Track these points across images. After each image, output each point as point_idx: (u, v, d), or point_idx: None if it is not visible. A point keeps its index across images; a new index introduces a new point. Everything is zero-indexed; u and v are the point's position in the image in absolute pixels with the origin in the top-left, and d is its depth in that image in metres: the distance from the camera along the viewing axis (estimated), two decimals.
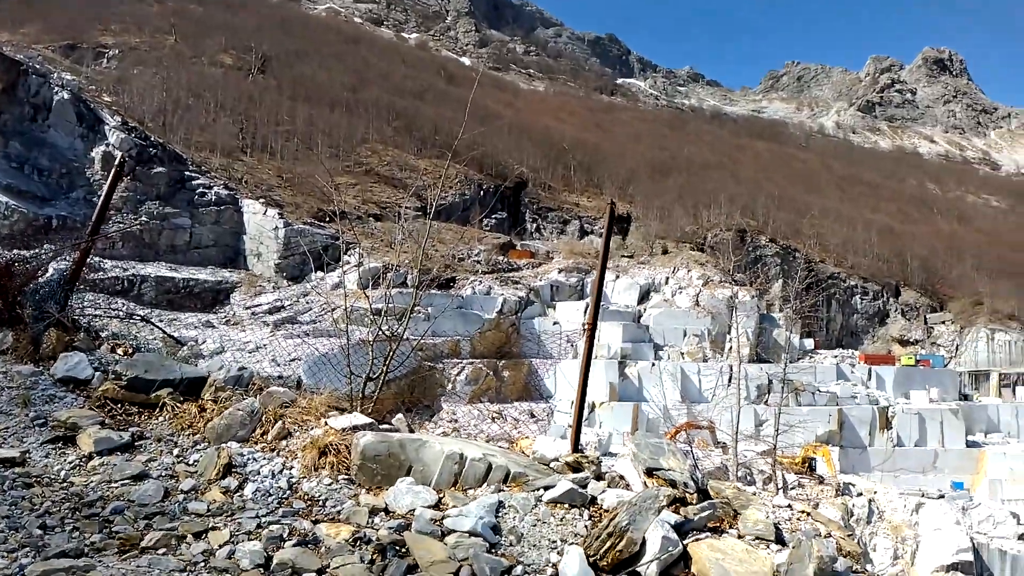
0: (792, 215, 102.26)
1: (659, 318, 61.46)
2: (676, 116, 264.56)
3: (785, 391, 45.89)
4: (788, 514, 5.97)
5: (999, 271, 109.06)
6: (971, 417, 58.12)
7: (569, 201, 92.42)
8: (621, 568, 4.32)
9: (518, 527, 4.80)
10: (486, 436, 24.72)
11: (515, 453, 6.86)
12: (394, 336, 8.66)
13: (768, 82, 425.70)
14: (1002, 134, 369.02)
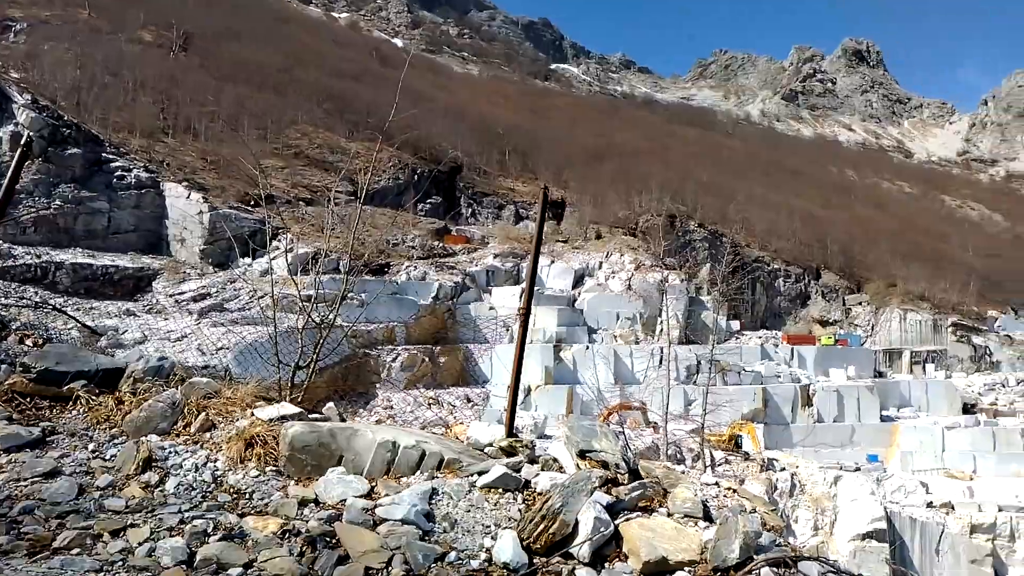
0: (720, 200, 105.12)
1: (593, 302, 62.34)
2: (609, 103, 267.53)
3: (713, 371, 47.32)
4: (716, 491, 6.15)
5: (911, 255, 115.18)
6: (885, 393, 61.37)
7: (504, 186, 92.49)
8: (554, 550, 4.35)
9: (452, 513, 4.77)
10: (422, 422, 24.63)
11: (450, 439, 6.83)
12: (325, 323, 8.46)
13: (697, 70, 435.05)
14: (915, 123, 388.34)
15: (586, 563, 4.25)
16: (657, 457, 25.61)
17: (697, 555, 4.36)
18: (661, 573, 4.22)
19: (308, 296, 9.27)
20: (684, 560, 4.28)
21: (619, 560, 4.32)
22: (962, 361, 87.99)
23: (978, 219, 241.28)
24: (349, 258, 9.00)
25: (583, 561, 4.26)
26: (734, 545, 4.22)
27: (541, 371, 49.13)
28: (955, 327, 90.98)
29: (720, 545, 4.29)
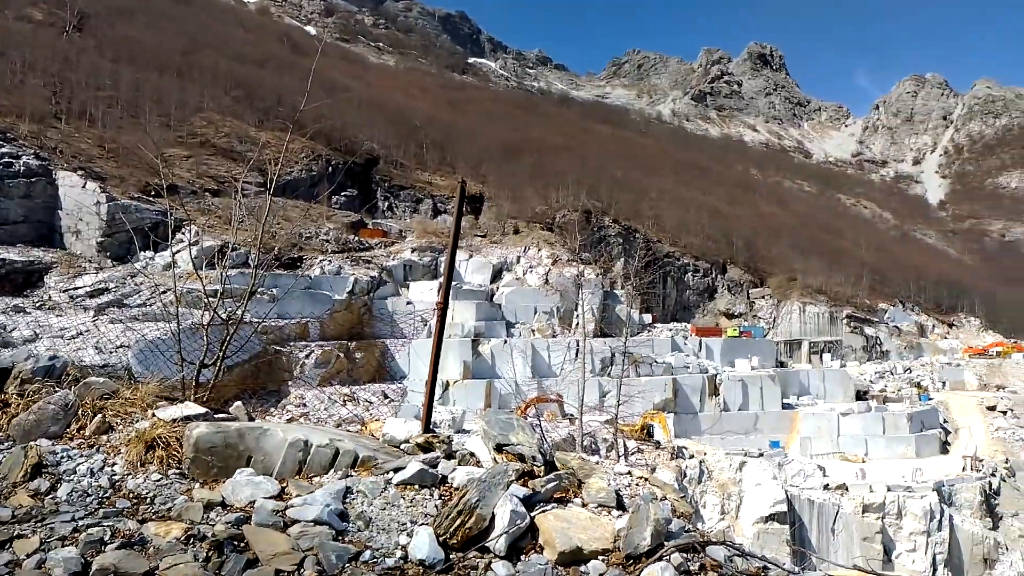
0: (633, 197, 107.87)
1: (511, 296, 62.70)
2: (526, 98, 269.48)
3: (626, 363, 48.62)
4: (628, 480, 6.30)
5: (810, 250, 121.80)
6: (786, 382, 64.62)
7: (422, 180, 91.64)
8: (471, 544, 4.34)
9: (367, 512, 4.69)
10: (336, 420, 24.11)
11: (365, 437, 6.71)
12: (233, 319, 8.13)
13: (611, 68, 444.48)
14: (814, 125, 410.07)
15: (502, 556, 4.26)
16: (573, 448, 26.08)
17: (610, 544, 4.45)
18: (576, 563, 4.28)
19: (215, 291, 8.89)
20: (598, 549, 4.36)
21: (535, 552, 4.36)
22: (855, 351, 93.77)
23: (870, 217, 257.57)
24: (258, 251, 8.67)
25: (499, 554, 4.27)
26: (646, 533, 4.33)
27: (459, 366, 49.06)
28: (849, 319, 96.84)
29: (632, 533, 4.39)
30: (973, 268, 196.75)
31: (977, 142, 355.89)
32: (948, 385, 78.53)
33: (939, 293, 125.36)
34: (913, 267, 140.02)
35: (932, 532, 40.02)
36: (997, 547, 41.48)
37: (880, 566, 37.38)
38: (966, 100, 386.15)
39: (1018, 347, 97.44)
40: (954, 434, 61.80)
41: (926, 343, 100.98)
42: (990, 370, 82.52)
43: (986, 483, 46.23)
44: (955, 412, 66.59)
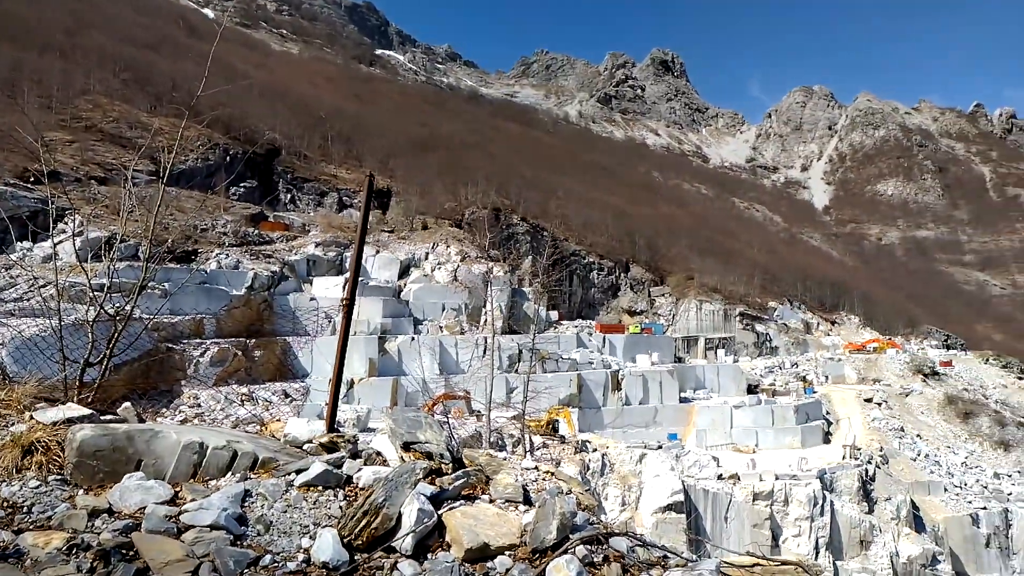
0: (541, 195, 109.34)
1: (419, 293, 62.16)
2: (436, 93, 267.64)
3: (533, 360, 49.23)
4: (535, 475, 6.38)
5: (707, 250, 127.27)
6: (683, 377, 67.24)
7: (327, 172, 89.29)
8: (377, 545, 4.28)
9: (267, 515, 4.53)
10: (234, 421, 23.14)
11: (265, 438, 6.48)
12: (121, 315, 7.66)
13: (520, 68, 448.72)
14: (712, 131, 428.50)
15: (409, 555, 4.22)
16: (480, 445, 26.15)
17: (517, 539, 4.49)
18: (483, 559, 4.30)
19: (101, 285, 8.34)
20: (505, 545, 4.39)
21: (442, 550, 4.34)
22: (747, 347, 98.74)
23: (761, 220, 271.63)
24: (149, 244, 8.18)
25: (406, 554, 4.22)
26: (552, 527, 4.40)
27: (365, 363, 48.23)
28: (742, 316, 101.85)
29: (539, 527, 4.45)
30: (853, 269, 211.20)
31: (858, 151, 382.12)
32: (830, 379, 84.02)
33: (823, 292, 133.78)
34: (800, 268, 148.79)
35: (815, 517, 42.71)
36: (872, 529, 44.76)
37: (769, 551, 39.52)
38: (849, 112, 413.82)
39: (892, 343, 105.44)
40: (835, 425, 66.22)
41: (811, 339, 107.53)
42: (867, 365, 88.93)
43: (863, 470, 49.81)
44: (836, 404, 71.38)
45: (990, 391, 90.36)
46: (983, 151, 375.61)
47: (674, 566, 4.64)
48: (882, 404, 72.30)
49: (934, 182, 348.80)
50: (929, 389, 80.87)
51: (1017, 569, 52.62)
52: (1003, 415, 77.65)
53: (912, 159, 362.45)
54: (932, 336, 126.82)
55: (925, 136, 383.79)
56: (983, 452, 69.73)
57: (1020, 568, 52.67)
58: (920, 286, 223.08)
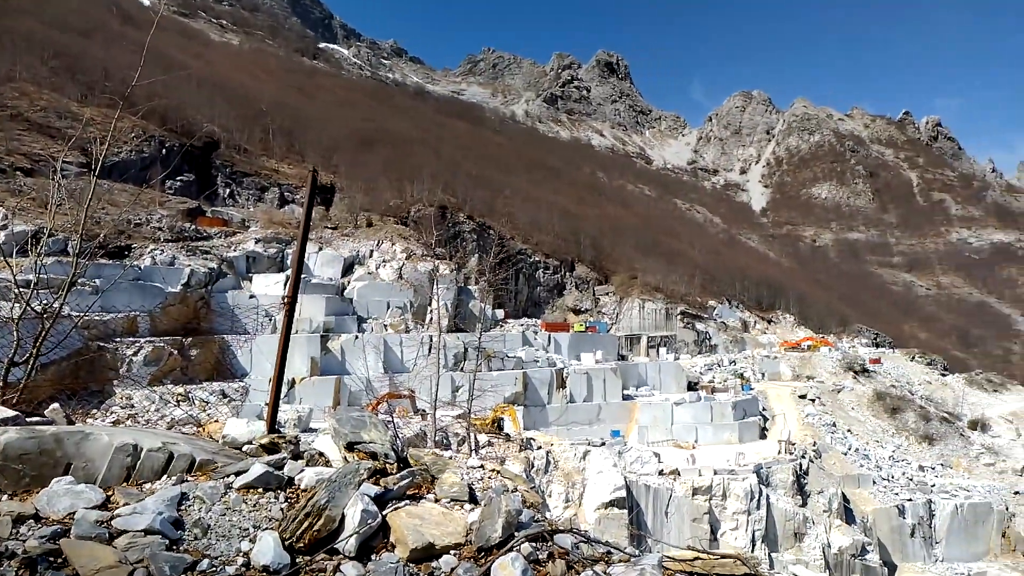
0: (488, 194, 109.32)
1: (363, 291, 61.40)
2: (381, 88, 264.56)
3: (479, 358, 49.22)
4: (480, 474, 6.39)
5: (650, 250, 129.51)
6: (626, 374, 68.31)
7: (268, 167, 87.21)
8: (319, 547, 4.21)
9: (205, 519, 4.40)
10: (169, 422, 22.39)
11: (202, 439, 6.30)
12: (49, 312, 7.33)
13: (467, 66, 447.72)
14: (655, 133, 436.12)
15: (352, 557, 4.17)
16: (426, 444, 25.98)
17: (463, 537, 4.48)
18: (428, 559, 4.28)
19: (27, 281, 7.96)
20: (450, 544, 4.38)
21: (386, 550, 4.30)
22: (688, 345, 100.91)
23: (702, 221, 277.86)
24: (80, 238, 7.85)
25: (349, 555, 4.17)
26: (497, 525, 4.41)
27: (307, 362, 47.42)
28: (683, 315, 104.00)
29: (485, 526, 4.46)
30: (789, 270, 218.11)
31: (794, 156, 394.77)
32: (767, 376, 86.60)
33: (760, 292, 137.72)
34: (738, 268, 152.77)
35: (752, 511, 43.96)
36: (805, 522, 46.33)
37: (708, 545, 40.48)
38: (786, 117, 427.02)
39: (825, 342, 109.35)
40: (771, 420, 68.28)
41: (748, 338, 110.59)
42: (802, 362, 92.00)
43: (797, 464, 51.50)
44: (772, 401, 73.63)
45: (916, 387, 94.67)
46: (911, 157, 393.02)
47: (617, 561, 4.71)
48: (815, 400, 74.93)
49: (865, 186, 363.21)
50: (859, 386, 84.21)
51: (940, 557, 55.32)
52: (928, 410, 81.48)
53: (845, 164, 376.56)
54: (862, 335, 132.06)
55: (857, 142, 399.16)
56: (909, 446, 72.98)
57: (942, 556, 55.39)
58: (851, 286, 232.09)
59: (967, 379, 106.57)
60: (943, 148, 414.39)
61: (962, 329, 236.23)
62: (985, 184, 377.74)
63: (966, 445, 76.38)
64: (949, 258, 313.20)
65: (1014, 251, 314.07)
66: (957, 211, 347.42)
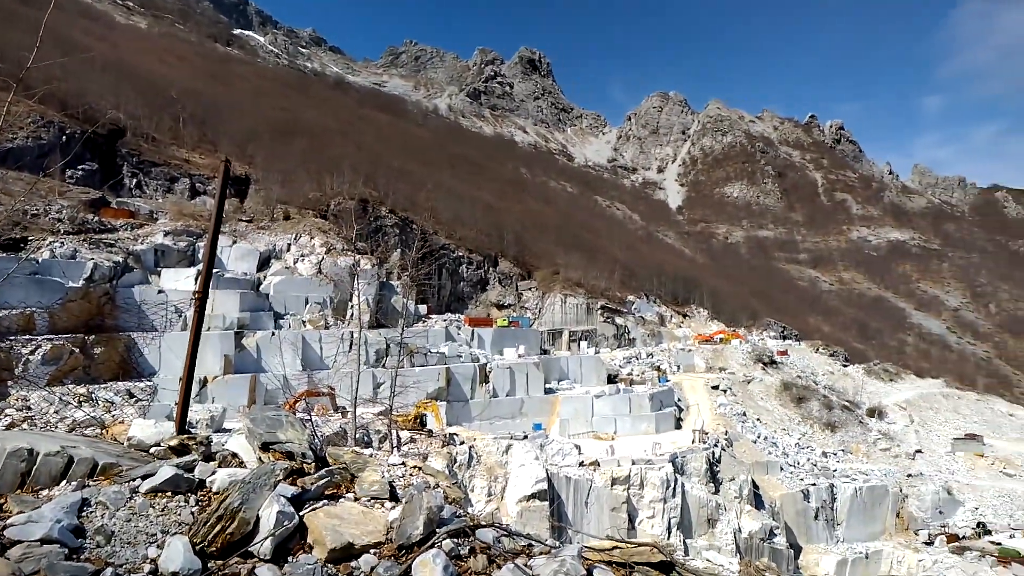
0: (410, 188, 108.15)
1: (280, 286, 59.70)
2: (299, 78, 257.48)
3: (401, 354, 48.78)
4: (402, 471, 6.32)
5: (571, 246, 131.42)
6: (549, 368, 69.14)
7: (178, 157, 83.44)
8: (233, 551, 4.08)
9: (108, 525, 4.18)
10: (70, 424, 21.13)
11: (106, 441, 5.99)
12: None
13: (388, 57, 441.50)
14: (576, 131, 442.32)
15: (268, 560, 4.06)
16: (346, 442, 25.55)
17: (383, 536, 4.44)
18: (347, 558, 4.21)
19: None
20: (370, 543, 4.33)
21: (303, 552, 4.21)
22: (608, 338, 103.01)
23: (621, 218, 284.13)
24: None
25: (264, 558, 4.06)
26: (418, 522, 4.39)
27: (220, 360, 45.78)
28: (603, 309, 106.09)
29: (406, 523, 4.43)
30: (703, 266, 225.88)
31: (708, 156, 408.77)
32: (682, 368, 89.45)
33: (676, 287, 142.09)
34: (656, 264, 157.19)
35: (668, 499, 45.37)
36: (718, 508, 48.18)
37: (626, 534, 41.55)
38: (700, 118, 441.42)
39: (736, 335, 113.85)
40: (686, 411, 70.62)
41: (665, 331, 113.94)
42: (715, 355, 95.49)
43: (710, 453, 53.46)
44: (687, 392, 76.14)
45: (819, 378, 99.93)
46: (816, 159, 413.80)
47: (538, 554, 4.77)
48: (727, 391, 77.98)
49: (774, 186, 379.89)
50: (768, 376, 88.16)
51: (841, 538, 58.69)
52: (830, 399, 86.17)
53: (755, 164, 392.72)
54: (771, 328, 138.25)
55: (767, 143, 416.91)
56: (813, 433, 77.00)
57: (843, 536, 58.78)
58: (761, 282, 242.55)
59: (866, 369, 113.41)
60: (845, 151, 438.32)
61: (862, 322, 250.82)
62: (883, 185, 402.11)
63: (865, 432, 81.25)
64: (850, 255, 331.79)
65: (908, 249, 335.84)
66: (858, 211, 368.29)
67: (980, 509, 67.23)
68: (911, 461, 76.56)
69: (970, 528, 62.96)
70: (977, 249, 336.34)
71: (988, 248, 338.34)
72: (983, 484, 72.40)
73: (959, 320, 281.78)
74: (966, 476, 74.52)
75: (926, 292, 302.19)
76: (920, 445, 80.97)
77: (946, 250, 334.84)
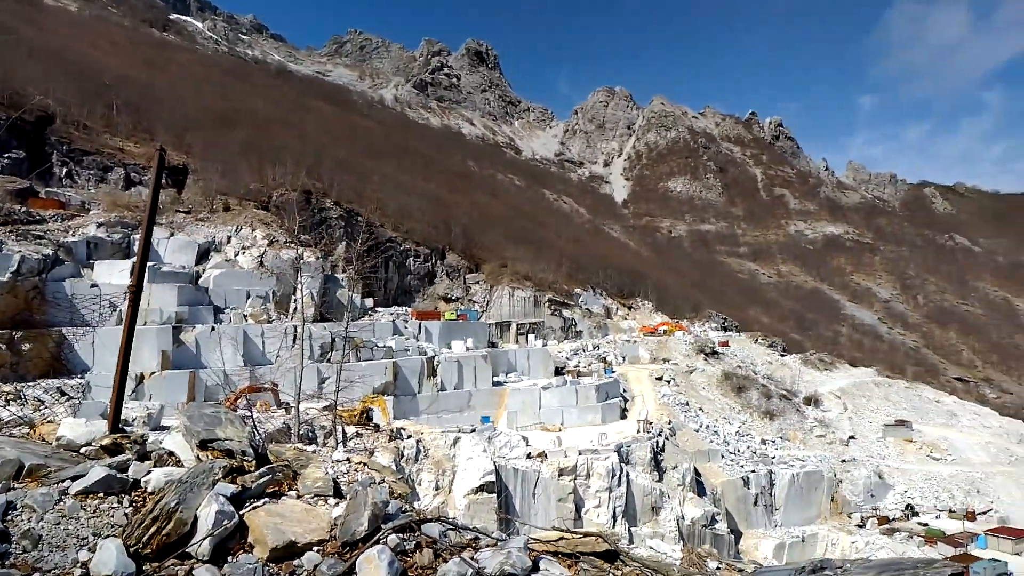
0: (356, 179, 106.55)
1: (220, 279, 58.16)
2: (240, 66, 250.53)
3: (347, 348, 48.13)
4: (346, 467, 6.25)
5: (519, 239, 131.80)
6: (497, 361, 69.33)
7: (111, 145, 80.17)
8: (169, 552, 3.96)
9: (35, 529, 4.01)
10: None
11: (33, 442, 5.74)
12: None
13: (332, 46, 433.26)
14: (524, 124, 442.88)
15: (206, 560, 3.96)
16: (289, 439, 25.11)
17: (327, 533, 4.38)
18: (289, 557, 4.14)
19: None
20: (313, 540, 4.27)
21: (244, 551, 4.12)
22: (555, 331, 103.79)
23: (568, 211, 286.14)
24: None
25: (203, 559, 3.95)
26: (363, 518, 4.34)
27: (157, 356, 44.39)
28: (550, 302, 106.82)
29: (350, 520, 4.38)
30: (648, 259, 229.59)
31: (652, 151, 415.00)
32: (627, 359, 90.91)
33: (622, 280, 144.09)
34: (602, 257, 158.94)
35: (613, 488, 46.10)
36: (662, 496, 49.21)
37: (572, 524, 42.05)
38: (645, 113, 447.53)
39: (679, 326, 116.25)
40: (631, 401, 71.83)
41: (611, 323, 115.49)
42: (659, 346, 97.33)
43: (654, 442, 54.54)
44: (632, 383, 77.45)
45: (759, 367, 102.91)
46: (756, 155, 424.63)
47: (485, 546, 4.78)
48: (671, 381, 79.61)
49: (716, 181, 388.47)
50: (710, 367, 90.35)
51: (779, 522, 60.70)
52: (769, 388, 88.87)
53: (698, 160, 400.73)
54: (712, 319, 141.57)
55: (709, 139, 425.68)
56: (753, 421, 79.32)
57: (781, 521, 60.81)
58: (703, 275, 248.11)
59: (803, 359, 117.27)
60: (784, 147, 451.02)
61: (799, 313, 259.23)
62: (819, 181, 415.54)
63: (801, 419, 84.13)
64: (788, 249, 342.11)
65: (843, 242, 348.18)
66: (795, 205, 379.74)
67: (909, 492, 70.50)
68: (845, 447, 79.67)
69: (899, 510, 65.99)
70: (907, 243, 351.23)
71: (917, 242, 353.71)
72: (911, 468, 75.91)
73: (890, 311, 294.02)
74: (896, 461, 77.98)
75: (859, 284, 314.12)
76: (853, 431, 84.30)
77: (878, 244, 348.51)
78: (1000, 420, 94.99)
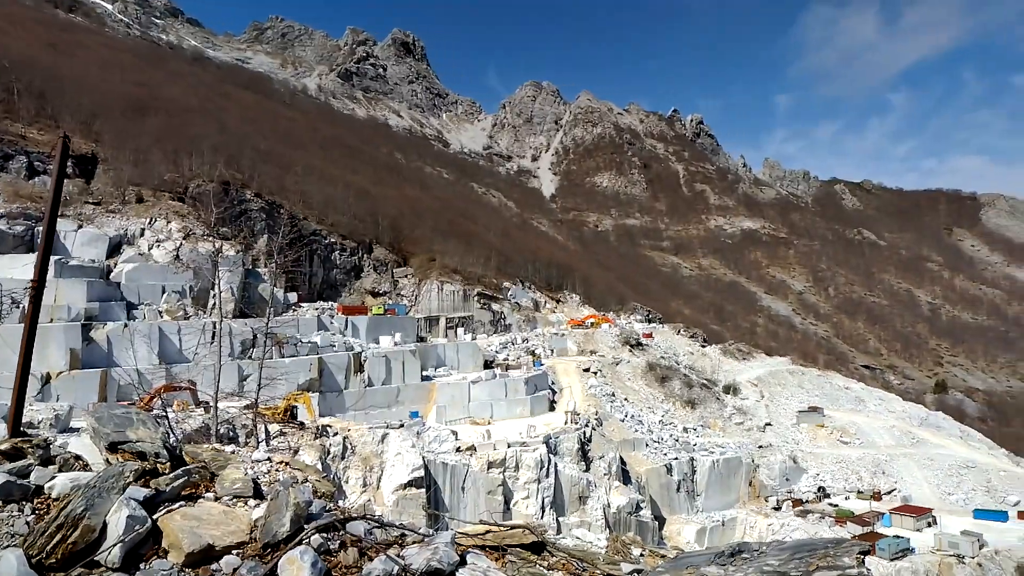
0: (278, 170, 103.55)
1: (133, 274, 55.57)
2: (153, 50, 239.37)
3: (269, 344, 46.82)
4: (267, 467, 6.09)
5: (448, 233, 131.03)
6: (425, 355, 68.91)
7: (12, 132, 75.12)
8: (76, 561, 3.76)
9: None
10: None
11: None
12: None
13: (253, 32, 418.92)
14: (452, 117, 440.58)
15: (117, 568, 3.78)
16: (208, 439, 24.27)
17: (247, 535, 4.26)
18: (207, 561, 4.01)
19: None
20: (232, 543, 4.14)
21: (157, 557, 3.96)
22: (484, 325, 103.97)
23: (497, 205, 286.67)
24: None
25: (113, 567, 3.78)
26: (285, 519, 4.25)
27: (65, 354, 42.09)
28: (480, 296, 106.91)
29: (271, 521, 4.27)
30: (575, 253, 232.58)
31: (579, 146, 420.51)
32: (555, 352, 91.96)
33: (550, 274, 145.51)
34: (531, 251, 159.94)
35: (542, 479, 46.63)
36: (589, 485, 50.10)
37: (501, 516, 42.33)
38: (572, 109, 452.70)
39: (606, 319, 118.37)
40: (559, 393, 72.76)
41: (540, 316, 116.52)
42: (586, 338, 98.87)
43: (582, 433, 55.44)
44: (560, 375, 78.45)
45: (681, 358, 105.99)
46: (678, 151, 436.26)
47: (412, 543, 4.75)
48: (597, 373, 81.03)
49: (640, 177, 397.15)
50: (635, 358, 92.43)
51: (700, 508, 62.78)
52: (691, 378, 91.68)
53: (623, 155, 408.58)
54: (637, 312, 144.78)
55: (633, 135, 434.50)
56: (675, 410, 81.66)
57: (702, 506, 62.91)
58: (628, 268, 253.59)
59: (722, 349, 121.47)
60: (704, 144, 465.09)
61: (718, 305, 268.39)
62: (737, 177, 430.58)
63: (721, 407, 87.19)
64: (708, 243, 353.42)
65: (759, 237, 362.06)
66: (715, 201, 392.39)
67: (821, 475, 74.16)
68: (762, 433, 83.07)
69: (812, 493, 69.34)
70: (818, 237, 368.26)
71: (828, 236, 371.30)
72: (823, 452, 79.85)
73: (803, 302, 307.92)
74: (809, 445, 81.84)
75: (775, 277, 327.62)
76: (769, 418, 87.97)
77: (792, 238, 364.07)
78: (903, 405, 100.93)
